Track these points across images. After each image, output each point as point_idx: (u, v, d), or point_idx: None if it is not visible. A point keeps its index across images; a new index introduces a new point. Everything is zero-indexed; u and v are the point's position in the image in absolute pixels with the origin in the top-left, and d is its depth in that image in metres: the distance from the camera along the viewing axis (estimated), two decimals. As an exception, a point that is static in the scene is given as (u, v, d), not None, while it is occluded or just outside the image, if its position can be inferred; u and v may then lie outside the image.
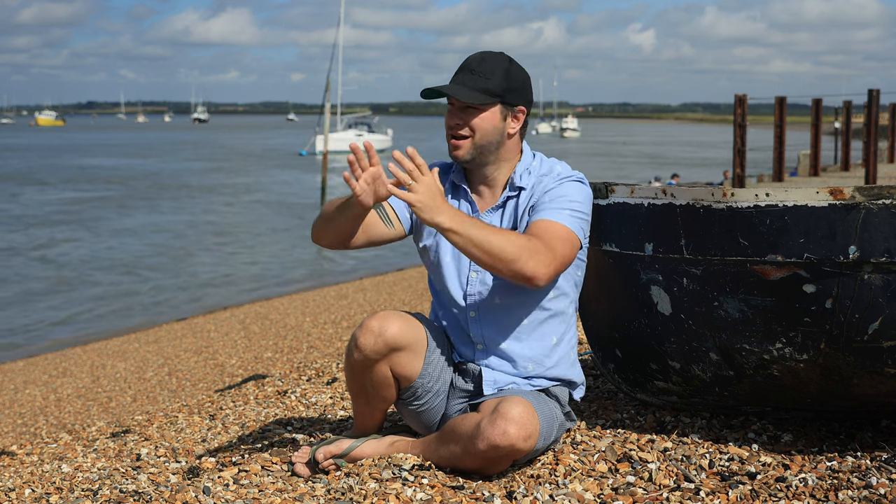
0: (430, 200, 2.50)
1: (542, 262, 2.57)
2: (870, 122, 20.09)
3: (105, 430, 4.29)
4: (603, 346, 3.34)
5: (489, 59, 2.75)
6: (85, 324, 14.12)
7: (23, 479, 3.24)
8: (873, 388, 2.75)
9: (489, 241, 2.53)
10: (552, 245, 2.61)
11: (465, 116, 2.74)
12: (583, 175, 2.83)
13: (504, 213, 2.82)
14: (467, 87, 2.71)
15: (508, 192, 2.81)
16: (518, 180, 2.80)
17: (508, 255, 2.54)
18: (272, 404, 4.24)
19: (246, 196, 34.62)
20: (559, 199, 2.71)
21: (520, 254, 2.54)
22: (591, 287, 3.25)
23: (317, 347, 9.07)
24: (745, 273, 2.69)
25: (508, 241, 2.55)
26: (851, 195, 2.54)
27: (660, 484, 2.63)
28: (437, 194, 2.53)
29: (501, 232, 2.59)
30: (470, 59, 2.77)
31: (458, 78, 2.74)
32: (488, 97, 2.72)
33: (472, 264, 2.81)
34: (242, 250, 21.54)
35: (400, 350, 2.76)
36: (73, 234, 24.02)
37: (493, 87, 2.73)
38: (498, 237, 2.55)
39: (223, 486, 2.70)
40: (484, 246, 2.53)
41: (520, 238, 2.59)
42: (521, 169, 2.82)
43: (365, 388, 2.85)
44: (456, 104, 2.74)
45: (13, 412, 8.42)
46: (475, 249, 2.54)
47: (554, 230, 2.65)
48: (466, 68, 2.74)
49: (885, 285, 2.56)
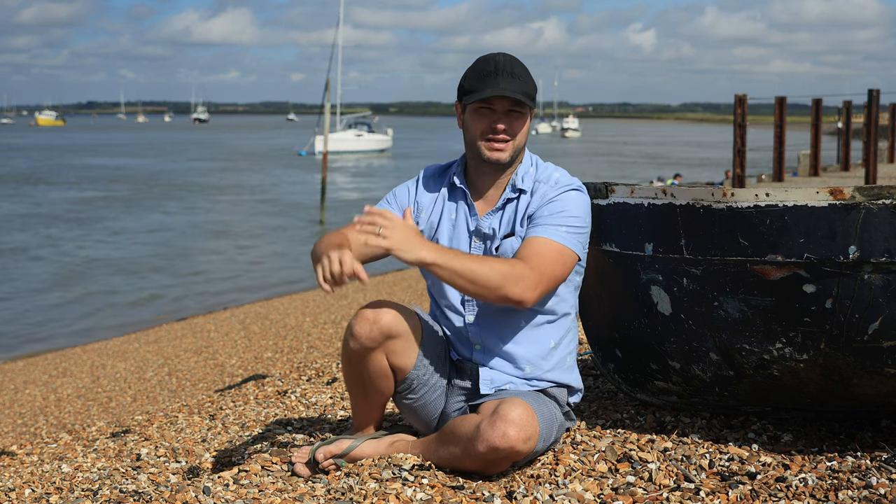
0: (405, 241, 2.55)
1: (527, 286, 2.62)
2: (870, 122, 20.09)
3: (105, 430, 4.29)
4: (603, 346, 3.34)
5: (516, 62, 2.78)
6: (85, 324, 14.12)
7: (23, 479, 3.24)
8: (873, 388, 2.75)
9: (472, 270, 2.59)
10: (540, 267, 2.65)
11: (510, 120, 2.76)
12: (581, 183, 2.85)
13: (503, 216, 2.82)
14: (518, 92, 2.73)
15: (508, 194, 2.82)
16: (520, 182, 2.82)
17: (492, 282, 2.60)
18: (272, 404, 4.24)
19: (250, 196, 34.64)
20: (557, 215, 2.73)
21: (503, 281, 2.60)
22: (591, 287, 3.25)
23: (317, 347, 9.07)
24: (745, 273, 2.69)
25: (491, 268, 2.60)
26: (851, 195, 2.54)
27: (660, 484, 2.63)
28: (411, 232, 2.57)
29: (484, 260, 2.63)
30: (499, 61, 2.76)
31: (501, 81, 2.73)
32: (532, 102, 2.79)
33: None
34: (243, 250, 21.54)
35: (395, 338, 2.76)
36: (74, 234, 24.02)
37: (531, 91, 2.78)
38: (481, 266, 2.60)
39: (223, 486, 2.70)
40: (468, 276, 2.59)
41: (503, 264, 2.63)
42: (522, 171, 2.84)
43: (362, 380, 2.85)
44: (499, 109, 2.75)
45: (13, 412, 8.42)
46: (459, 280, 2.60)
47: (547, 250, 2.68)
48: (506, 72, 2.74)
49: (885, 285, 2.56)
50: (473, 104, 2.77)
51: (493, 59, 2.78)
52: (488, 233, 2.82)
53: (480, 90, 2.73)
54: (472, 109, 2.78)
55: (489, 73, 2.75)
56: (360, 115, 76.29)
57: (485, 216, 2.84)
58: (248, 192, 36.43)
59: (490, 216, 2.83)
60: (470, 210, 2.86)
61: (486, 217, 2.84)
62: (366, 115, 77.32)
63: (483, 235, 2.83)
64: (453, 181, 2.90)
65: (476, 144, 2.79)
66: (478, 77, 2.76)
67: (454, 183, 2.89)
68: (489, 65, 2.76)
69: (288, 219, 27.61)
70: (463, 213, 2.87)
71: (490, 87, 2.72)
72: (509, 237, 2.80)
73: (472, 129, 2.79)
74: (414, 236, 2.57)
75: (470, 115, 2.79)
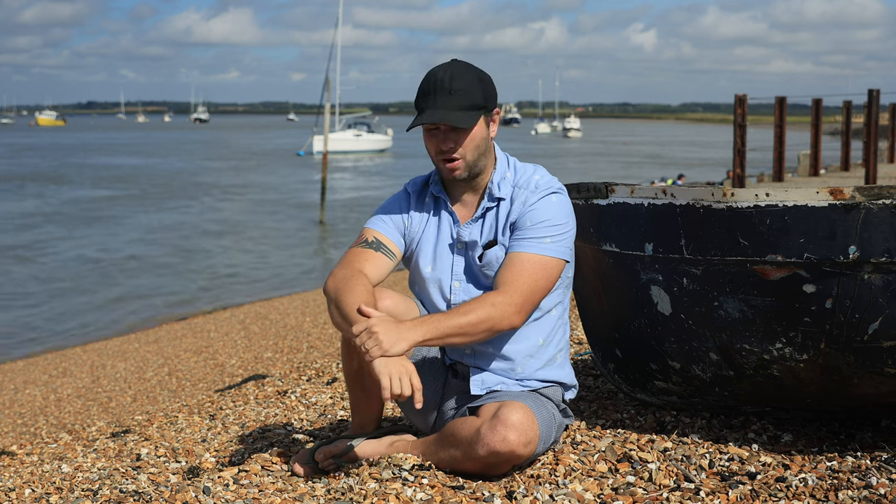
0: (390, 339, 2.52)
1: (512, 313, 2.66)
2: (870, 122, 20.09)
3: (105, 430, 4.29)
4: (603, 346, 3.34)
5: (457, 74, 2.73)
6: (85, 324, 14.12)
7: (23, 479, 3.24)
8: (873, 388, 2.75)
9: (460, 326, 2.61)
10: (521, 290, 2.67)
11: (457, 137, 2.74)
12: (561, 184, 2.84)
13: (484, 224, 2.83)
14: (455, 110, 2.70)
15: (487, 203, 2.82)
16: (497, 190, 2.81)
17: (481, 328, 2.64)
18: (272, 404, 4.24)
19: (275, 194, 34.66)
20: (540, 226, 2.73)
21: (490, 322, 2.64)
22: (591, 287, 3.25)
23: (317, 347, 9.07)
24: (745, 273, 2.69)
25: (476, 315, 2.63)
26: (851, 195, 2.54)
27: (660, 484, 2.63)
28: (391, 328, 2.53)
29: (467, 310, 2.64)
30: (437, 78, 2.73)
31: (438, 101, 2.70)
32: (476, 113, 2.73)
33: (454, 273, 2.84)
34: (243, 250, 21.54)
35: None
36: (76, 233, 24.02)
37: (477, 101, 2.73)
38: (466, 318, 2.62)
39: (223, 486, 2.70)
40: (458, 332, 2.62)
41: (483, 304, 2.64)
42: (497, 177, 2.83)
43: (361, 371, 2.85)
44: (442, 127, 2.73)
45: (13, 412, 8.42)
46: (452, 339, 2.63)
47: (529, 267, 2.70)
48: (442, 90, 2.71)
49: (885, 285, 2.56)
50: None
51: (434, 75, 2.74)
52: (469, 241, 2.83)
53: (421, 111, 2.74)
54: (424, 130, 2.79)
55: (428, 92, 2.73)
56: (359, 115, 76.19)
57: (465, 225, 2.84)
58: (271, 190, 36.51)
59: (470, 225, 2.84)
60: (452, 218, 2.87)
61: (466, 226, 2.84)
62: (365, 115, 77.22)
63: (465, 244, 2.84)
64: (432, 192, 2.90)
65: (435, 163, 2.82)
66: (420, 96, 2.75)
67: (433, 193, 2.90)
68: (429, 83, 2.73)
69: (288, 219, 27.59)
70: (447, 221, 2.88)
71: (429, 106, 2.72)
72: (492, 246, 2.79)
73: (428, 149, 2.81)
74: (392, 329, 2.54)
75: (424, 136, 2.81)
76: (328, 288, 2.73)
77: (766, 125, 28.82)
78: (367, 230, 2.89)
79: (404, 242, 2.91)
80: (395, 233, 2.89)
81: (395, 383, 2.48)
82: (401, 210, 2.92)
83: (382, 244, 2.85)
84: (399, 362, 2.51)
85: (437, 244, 2.87)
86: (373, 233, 2.87)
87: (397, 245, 2.88)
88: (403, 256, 2.93)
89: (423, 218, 2.91)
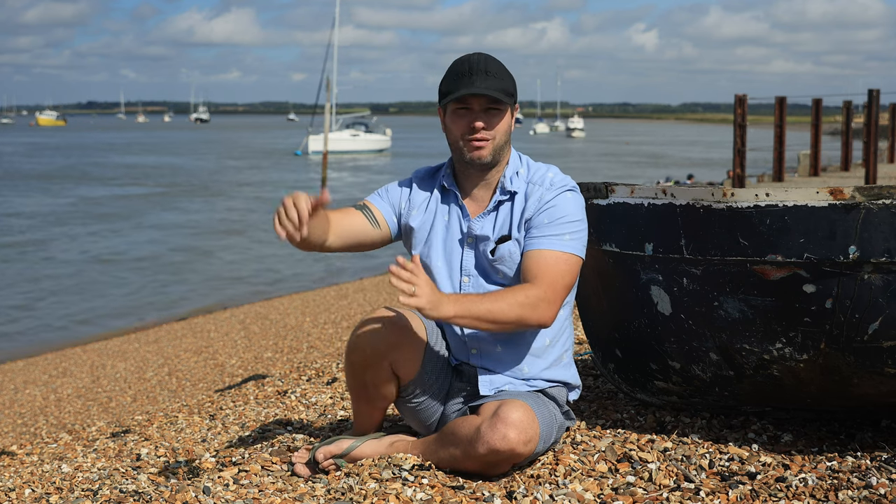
0: (434, 300, 2.54)
1: (545, 310, 2.66)
2: (870, 122, 20.08)
3: (105, 430, 4.29)
4: (603, 346, 3.34)
5: (491, 60, 2.77)
6: (84, 323, 14.12)
7: (23, 479, 3.24)
8: (873, 388, 2.75)
9: (491, 312, 2.61)
10: (553, 284, 2.68)
11: (488, 118, 2.76)
12: (574, 182, 2.85)
13: (497, 219, 2.82)
14: (494, 90, 2.72)
15: (499, 196, 2.82)
16: (509, 184, 2.82)
17: (512, 317, 2.63)
18: (272, 404, 4.24)
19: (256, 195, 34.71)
20: (558, 222, 2.73)
21: (521, 311, 2.63)
22: (591, 287, 3.25)
23: (317, 347, 9.06)
24: (745, 273, 2.69)
25: (508, 304, 2.63)
26: (851, 195, 2.54)
27: (660, 484, 2.63)
28: (435, 291, 2.57)
29: (499, 297, 2.65)
30: (473, 61, 2.76)
31: (476, 80, 2.73)
32: (510, 98, 2.76)
33: (463, 270, 2.84)
34: (243, 250, 21.53)
35: (399, 348, 2.76)
36: (78, 233, 24.02)
37: (509, 88, 2.77)
38: (498, 304, 2.62)
39: (223, 486, 2.70)
40: (488, 318, 2.62)
41: (517, 294, 2.64)
42: (510, 172, 2.84)
43: (366, 387, 2.85)
44: (476, 107, 2.75)
45: (13, 412, 8.42)
46: (481, 324, 2.63)
47: (554, 263, 2.70)
48: (480, 70, 2.74)
49: (885, 285, 2.56)
50: (452, 105, 2.77)
51: (468, 59, 2.78)
52: (481, 235, 2.82)
53: (456, 90, 2.74)
54: (451, 111, 2.79)
55: (464, 73, 2.75)
56: (358, 115, 76.06)
57: (476, 218, 2.84)
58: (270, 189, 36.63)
59: (482, 218, 2.84)
60: (462, 211, 2.86)
61: (477, 219, 2.84)
62: (364, 115, 77.09)
63: (476, 238, 2.83)
64: (443, 183, 2.90)
65: (458, 145, 2.80)
66: (453, 79, 2.77)
67: (444, 185, 2.90)
68: (464, 65, 2.76)
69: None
70: (456, 215, 2.87)
71: (465, 86, 2.73)
72: (506, 241, 2.79)
73: (452, 131, 2.80)
74: (438, 295, 2.57)
75: (450, 117, 2.80)
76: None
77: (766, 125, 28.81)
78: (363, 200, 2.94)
79: (396, 221, 2.92)
80: (388, 207, 2.91)
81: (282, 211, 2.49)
82: (401, 191, 2.94)
83: (368, 208, 2.89)
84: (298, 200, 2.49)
85: (446, 238, 2.87)
86: (365, 201, 2.93)
87: (386, 218, 2.90)
88: (394, 237, 2.94)
89: (425, 205, 2.91)
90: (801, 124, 40.67)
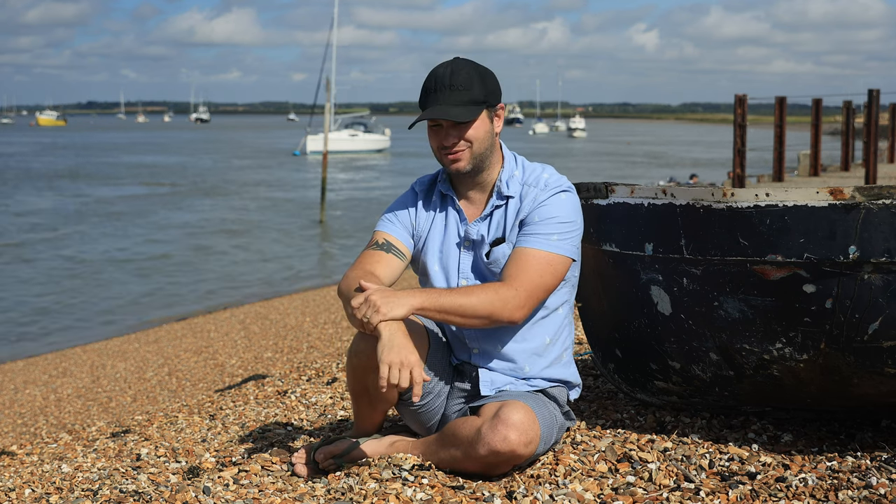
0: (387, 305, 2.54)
1: (514, 307, 2.66)
2: (870, 122, 20.09)
3: (105, 430, 4.29)
4: (603, 346, 3.34)
5: (457, 70, 2.74)
6: (85, 323, 14.12)
7: (23, 479, 3.24)
8: (873, 388, 2.75)
9: (461, 305, 2.62)
10: (525, 284, 2.67)
11: (459, 132, 2.75)
12: (570, 183, 2.84)
13: (492, 222, 2.82)
14: (456, 105, 2.71)
15: (495, 201, 2.82)
16: (505, 189, 2.81)
17: (481, 312, 2.63)
18: (272, 404, 4.24)
19: (257, 194, 34.74)
20: (548, 222, 2.73)
21: (491, 308, 2.64)
22: (591, 287, 3.25)
23: (317, 347, 9.06)
24: (745, 273, 2.69)
25: (478, 298, 2.63)
26: (851, 195, 2.54)
27: (660, 484, 2.63)
28: (386, 294, 2.56)
29: (468, 292, 2.65)
30: (439, 75, 2.74)
31: (440, 97, 2.72)
32: (477, 108, 2.74)
33: (461, 271, 2.84)
34: (243, 250, 21.54)
35: None
36: (78, 233, 24.02)
37: (477, 96, 2.74)
38: (467, 298, 2.63)
39: (223, 486, 2.70)
40: (458, 311, 2.62)
41: (487, 291, 2.65)
42: (506, 175, 2.83)
43: (367, 390, 2.85)
44: (444, 123, 2.74)
45: (13, 412, 8.42)
46: (449, 316, 2.63)
47: (534, 263, 2.70)
48: (443, 85, 2.72)
49: (885, 285, 2.56)
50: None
51: (434, 74, 2.76)
52: (477, 239, 2.83)
53: (423, 107, 2.75)
54: (426, 126, 2.79)
55: (430, 89, 2.75)
56: (357, 114, 75.97)
57: (473, 222, 2.84)
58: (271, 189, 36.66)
59: (478, 223, 2.84)
60: (459, 216, 2.87)
61: (474, 223, 2.84)
62: (363, 115, 76.99)
63: (472, 242, 2.84)
64: (440, 189, 2.90)
65: (438, 158, 2.82)
66: (422, 95, 2.77)
67: (442, 191, 2.90)
68: (430, 81, 2.75)
69: (288, 218, 27.59)
70: (453, 219, 2.88)
71: (430, 103, 2.73)
72: (500, 243, 2.79)
73: (431, 145, 2.82)
74: (391, 296, 2.57)
75: (427, 132, 2.81)
76: (341, 289, 2.75)
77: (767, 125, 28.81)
78: (377, 233, 2.91)
79: (413, 242, 2.92)
80: (404, 233, 2.90)
81: (394, 374, 2.48)
82: (408, 210, 2.93)
83: (392, 245, 2.86)
84: (402, 352, 2.49)
85: (444, 241, 2.87)
86: (383, 235, 2.89)
87: (406, 245, 2.90)
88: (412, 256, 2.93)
89: (430, 216, 2.91)
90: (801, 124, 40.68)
